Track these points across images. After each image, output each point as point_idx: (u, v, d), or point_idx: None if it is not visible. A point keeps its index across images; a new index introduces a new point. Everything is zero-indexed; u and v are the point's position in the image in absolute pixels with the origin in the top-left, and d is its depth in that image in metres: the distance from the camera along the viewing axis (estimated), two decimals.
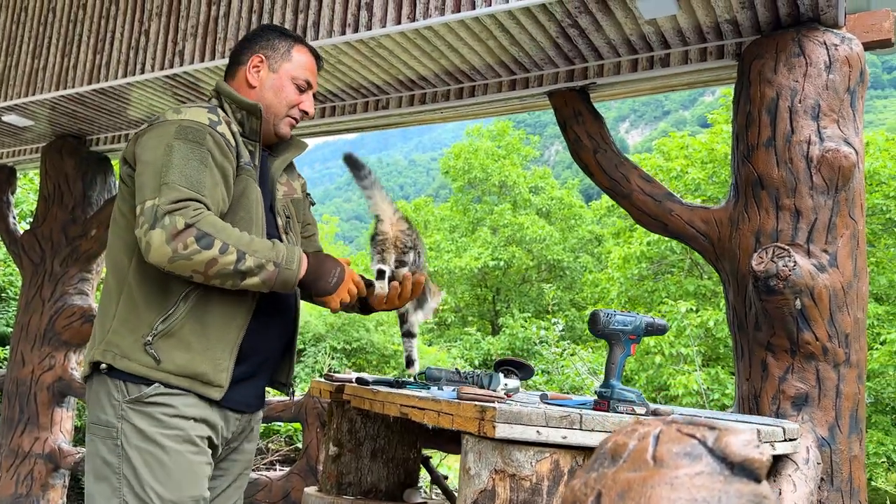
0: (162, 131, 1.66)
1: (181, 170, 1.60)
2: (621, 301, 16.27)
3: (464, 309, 21.11)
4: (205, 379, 1.66)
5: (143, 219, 1.55)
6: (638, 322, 1.75)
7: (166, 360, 1.63)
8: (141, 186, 1.60)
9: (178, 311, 1.65)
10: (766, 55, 2.50)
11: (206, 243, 1.54)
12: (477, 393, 1.67)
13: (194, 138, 1.65)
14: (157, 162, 1.61)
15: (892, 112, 62.01)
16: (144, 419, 1.63)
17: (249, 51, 1.90)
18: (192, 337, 1.65)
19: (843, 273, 2.33)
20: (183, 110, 1.71)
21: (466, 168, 21.88)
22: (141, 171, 1.62)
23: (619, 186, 2.83)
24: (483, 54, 3.02)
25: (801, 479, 1.77)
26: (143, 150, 1.65)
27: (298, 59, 1.91)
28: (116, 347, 1.64)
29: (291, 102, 1.90)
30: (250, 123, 1.82)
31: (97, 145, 4.62)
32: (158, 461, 1.62)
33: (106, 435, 1.64)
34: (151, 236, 1.52)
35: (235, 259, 1.56)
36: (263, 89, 1.88)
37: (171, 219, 1.53)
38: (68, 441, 4.40)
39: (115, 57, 3.57)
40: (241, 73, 1.89)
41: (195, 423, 1.67)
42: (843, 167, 2.33)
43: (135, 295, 1.66)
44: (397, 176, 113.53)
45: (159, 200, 1.55)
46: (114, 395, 1.65)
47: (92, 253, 4.43)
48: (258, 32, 1.94)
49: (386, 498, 2.54)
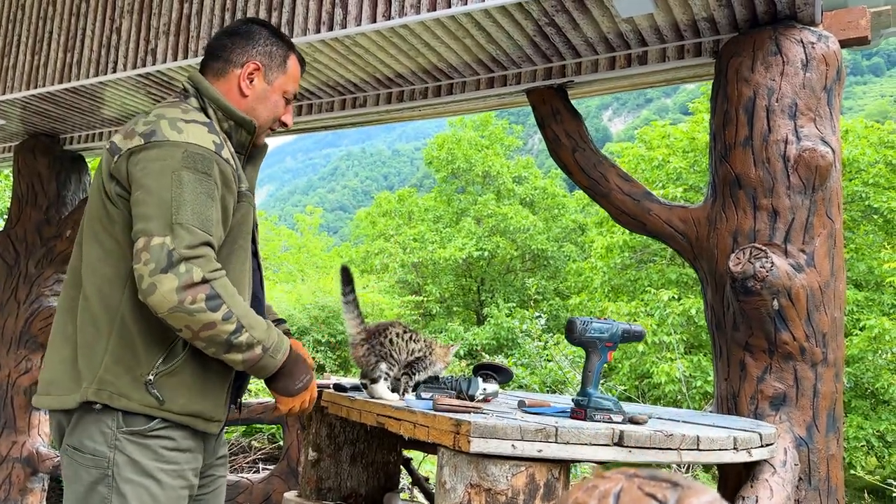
0: (166, 155, 1.53)
1: (193, 207, 1.51)
2: (604, 290, 16.35)
3: (448, 300, 21.12)
4: (206, 416, 1.63)
5: (147, 256, 1.46)
6: (614, 329, 1.74)
7: (170, 399, 1.57)
8: (145, 217, 1.49)
9: (179, 349, 1.58)
10: (743, 53, 2.49)
11: (213, 305, 1.48)
12: (452, 404, 1.65)
13: (203, 168, 1.55)
14: (165, 193, 1.50)
15: (871, 98, 62.57)
16: (143, 451, 1.56)
17: (245, 53, 1.76)
18: (194, 377, 1.60)
19: (821, 272, 2.33)
20: (182, 128, 1.58)
21: (450, 158, 21.82)
22: (144, 200, 1.51)
23: (597, 185, 2.82)
24: (460, 52, 2.99)
25: (778, 483, 1.78)
26: (145, 175, 1.52)
27: (292, 72, 1.82)
28: (111, 386, 1.55)
29: (278, 115, 1.82)
30: (239, 136, 1.74)
31: (71, 144, 4.54)
32: (152, 496, 1.56)
33: (92, 464, 1.55)
34: (161, 280, 1.44)
35: (232, 330, 1.51)
36: (255, 100, 1.77)
37: (187, 267, 1.46)
38: (46, 444, 4.34)
39: (86, 55, 3.50)
40: (232, 76, 1.75)
41: (189, 456, 1.64)
42: (819, 167, 2.33)
43: (131, 331, 1.56)
44: (381, 166, 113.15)
45: (174, 243, 1.46)
46: (106, 423, 1.55)
47: (67, 254, 4.35)
48: (252, 31, 1.78)
49: (366, 502, 2.53)
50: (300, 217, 27.73)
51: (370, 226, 23.92)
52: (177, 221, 1.48)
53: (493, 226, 20.28)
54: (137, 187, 1.53)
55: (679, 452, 1.50)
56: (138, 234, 1.49)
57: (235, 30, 1.79)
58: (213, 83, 1.75)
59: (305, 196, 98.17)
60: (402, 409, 1.73)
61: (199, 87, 1.72)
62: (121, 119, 4.14)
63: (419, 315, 19.40)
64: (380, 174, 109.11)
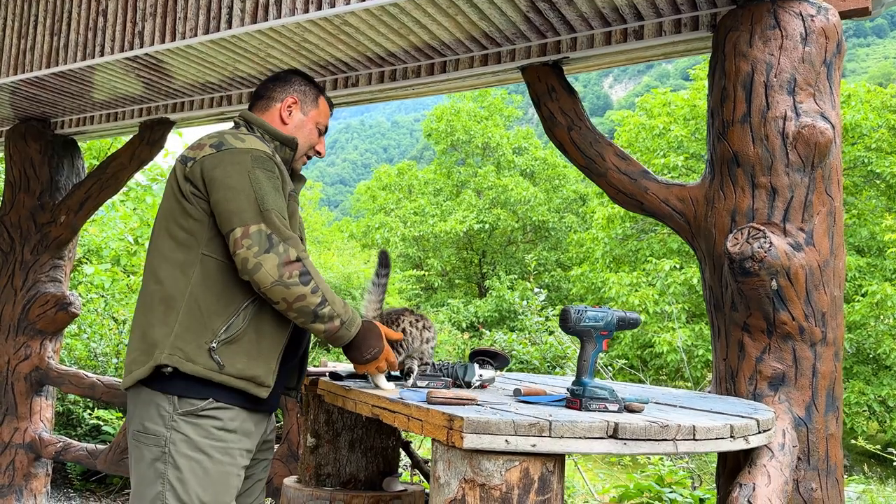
0: (237, 159, 1.86)
1: (272, 198, 1.83)
2: (606, 261, 16.33)
3: (450, 273, 21.12)
4: (258, 381, 1.88)
5: (249, 242, 1.76)
6: (609, 317, 1.72)
7: (228, 364, 1.83)
8: (237, 211, 1.79)
9: (239, 321, 1.85)
10: (741, 27, 2.43)
11: (305, 280, 1.79)
12: (446, 396, 1.64)
13: (269, 168, 1.88)
14: (247, 189, 1.81)
15: (874, 60, 61.88)
16: (196, 430, 1.82)
17: (284, 91, 2.14)
18: (251, 344, 1.86)
19: (820, 251, 2.30)
20: (244, 138, 1.93)
21: (449, 130, 21.67)
22: (231, 198, 1.81)
23: (594, 164, 2.77)
24: (452, 29, 2.93)
25: (775, 468, 1.77)
26: (226, 176, 1.83)
27: (323, 107, 2.21)
28: (181, 352, 1.80)
29: (313, 143, 2.19)
30: (283, 154, 2.08)
31: (63, 128, 4.49)
32: (203, 469, 1.82)
33: (153, 443, 1.82)
34: (265, 259, 1.75)
35: (318, 302, 1.81)
36: (294, 128, 2.13)
37: (284, 247, 1.78)
38: (49, 430, 4.36)
39: (72, 39, 3.43)
40: (274, 109, 2.13)
41: (236, 436, 1.88)
42: (819, 143, 2.28)
43: (200, 305, 1.83)
44: (380, 138, 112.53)
45: (269, 228, 1.78)
46: (164, 407, 1.82)
47: (63, 239, 4.33)
48: (290, 77, 2.18)
49: (365, 487, 2.53)
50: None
51: (370, 200, 23.85)
52: (265, 209, 1.80)
53: (494, 198, 20.21)
54: (220, 187, 1.83)
55: (675, 443, 1.48)
56: (234, 225, 1.78)
57: (276, 76, 2.20)
58: (259, 116, 2.13)
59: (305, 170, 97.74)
60: (397, 402, 1.71)
61: (247, 119, 2.10)
62: (113, 103, 4.08)
63: (420, 289, 19.42)
64: (379, 146, 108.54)
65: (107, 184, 4.20)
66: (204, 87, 3.74)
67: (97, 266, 7.18)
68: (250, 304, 1.87)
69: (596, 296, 15.99)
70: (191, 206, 1.87)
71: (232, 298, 1.85)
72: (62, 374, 4.23)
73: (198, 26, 3.03)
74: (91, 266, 7.16)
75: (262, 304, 1.88)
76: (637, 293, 13.66)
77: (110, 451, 3.99)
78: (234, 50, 3.21)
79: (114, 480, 5.14)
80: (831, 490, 2.27)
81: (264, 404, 1.97)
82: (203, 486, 1.81)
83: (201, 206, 1.86)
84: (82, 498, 4.98)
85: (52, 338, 4.36)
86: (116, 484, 5.12)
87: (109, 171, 4.18)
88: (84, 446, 4.16)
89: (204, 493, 1.82)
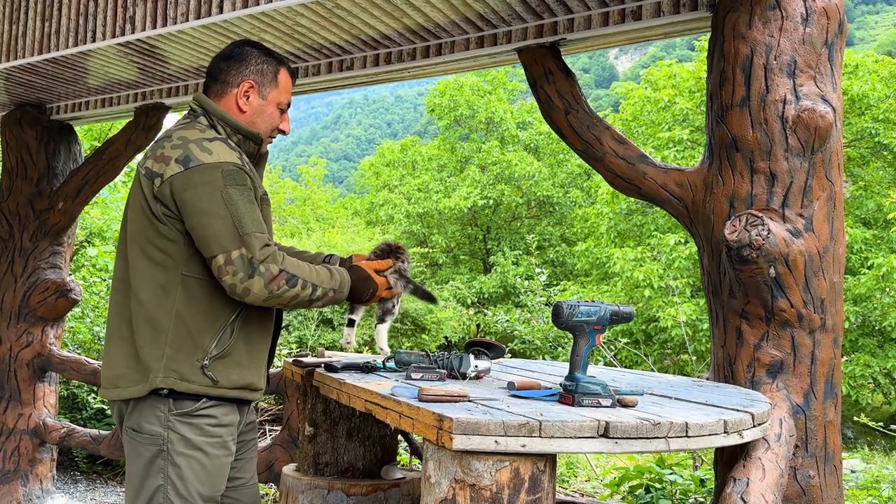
0: (209, 178, 1.82)
1: (249, 216, 1.83)
2: (611, 235, 16.26)
3: (455, 249, 21.10)
4: (252, 387, 1.97)
5: (233, 268, 1.79)
6: (602, 312, 1.69)
7: (222, 378, 1.89)
8: (216, 237, 1.80)
9: (228, 335, 1.90)
10: (740, 7, 2.37)
11: (292, 283, 1.85)
12: (438, 394, 1.63)
13: (240, 181, 1.86)
14: (222, 212, 1.80)
15: (883, 28, 60.97)
16: (192, 429, 1.87)
17: (238, 73, 2.00)
18: (241, 356, 1.93)
19: (820, 237, 2.27)
20: (210, 148, 1.86)
21: (452, 105, 21.47)
22: (208, 223, 1.80)
23: (591, 149, 2.74)
24: (447, 11, 2.88)
25: (771, 460, 1.75)
26: (198, 199, 1.81)
27: (283, 84, 2.06)
28: (175, 373, 1.85)
29: (275, 125, 2.08)
30: (247, 147, 2.01)
31: (58, 113, 4.46)
32: (202, 464, 1.88)
33: (150, 442, 1.87)
34: (252, 283, 1.80)
35: (310, 292, 1.90)
36: (253, 115, 2.02)
37: (265, 267, 1.81)
38: (53, 416, 4.39)
39: (64, 24, 3.39)
40: (230, 96, 2.00)
41: (229, 429, 1.95)
42: (819, 127, 2.24)
43: (187, 325, 1.86)
44: (384, 113, 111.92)
45: (249, 251, 1.80)
46: (159, 408, 1.86)
47: (61, 226, 4.32)
48: (244, 53, 2.03)
49: (364, 476, 2.53)
50: (304, 169, 27.53)
51: (374, 176, 23.75)
52: (244, 232, 1.81)
53: (498, 173, 20.09)
54: (194, 213, 1.81)
55: (667, 441, 1.47)
56: (215, 252, 1.80)
57: (229, 53, 2.04)
58: (216, 103, 2.00)
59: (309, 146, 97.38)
60: (389, 398, 1.70)
61: (206, 107, 1.98)
62: (107, 88, 4.05)
63: (425, 266, 19.42)
64: (383, 121, 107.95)
65: (104, 170, 4.18)
66: (198, 71, 3.69)
67: (100, 248, 7.19)
68: (237, 318, 1.92)
69: (601, 271, 15.96)
70: (164, 226, 1.86)
71: (218, 315, 1.89)
72: (64, 360, 4.25)
73: (189, 10, 2.98)
74: (94, 248, 7.16)
75: (249, 314, 1.94)
76: (642, 268, 13.62)
77: (113, 436, 4.01)
78: (226, 35, 3.16)
79: (119, 463, 5.18)
80: (829, 477, 2.26)
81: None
82: (201, 480, 1.89)
83: (176, 226, 1.85)
84: (88, 480, 5.03)
85: (53, 324, 4.37)
86: (122, 466, 5.17)
87: (106, 157, 4.16)
88: (88, 432, 4.19)
89: (202, 487, 1.89)
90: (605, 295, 14.51)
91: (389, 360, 2.30)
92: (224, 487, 1.98)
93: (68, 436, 4.19)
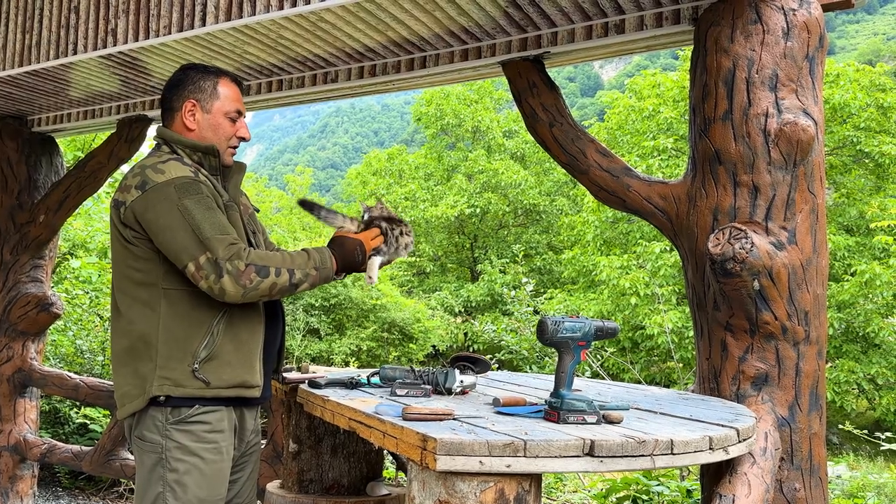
0: (164, 195, 1.91)
1: (208, 222, 1.89)
2: (597, 244, 16.32)
3: (442, 258, 21.09)
4: (247, 384, 2.01)
5: (204, 272, 1.86)
6: (587, 328, 1.69)
7: (214, 379, 1.95)
8: (183, 248, 1.88)
9: (214, 337, 1.96)
10: (722, 21, 2.39)
11: (264, 273, 1.89)
12: (422, 412, 1.61)
13: (195, 191, 1.93)
14: (182, 224, 1.88)
15: (864, 37, 61.76)
16: (187, 436, 1.94)
17: (180, 97, 2.09)
18: (230, 355, 1.98)
19: (803, 250, 2.28)
20: (163, 168, 1.95)
21: (439, 114, 21.52)
22: (172, 238, 1.89)
23: (576, 161, 2.74)
24: (430, 24, 2.87)
25: (756, 475, 1.75)
26: (158, 216, 1.90)
27: (225, 94, 2.11)
28: (168, 380, 1.93)
29: (228, 135, 2.12)
30: (209, 162, 2.08)
31: (40, 125, 4.41)
32: (199, 470, 1.95)
33: (151, 450, 1.95)
34: (223, 284, 1.86)
35: (288, 277, 1.93)
36: (202, 130, 2.09)
37: (231, 265, 1.86)
38: (34, 432, 4.33)
39: (45, 37, 3.35)
40: (178, 119, 2.10)
41: (224, 435, 2.00)
42: (801, 140, 2.25)
43: (175, 333, 1.94)
44: (371, 121, 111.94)
45: (213, 254, 1.86)
46: (157, 417, 1.95)
47: (42, 239, 4.27)
48: (182, 76, 2.11)
49: (349, 493, 2.51)
50: (290, 178, 27.46)
51: (361, 185, 23.73)
52: (204, 237, 1.87)
53: (485, 182, 20.14)
54: (158, 230, 1.90)
55: (652, 458, 1.46)
56: (185, 262, 1.88)
57: (171, 81, 2.13)
58: (170, 129, 2.11)
59: (296, 154, 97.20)
60: (373, 417, 1.69)
61: (163, 136, 2.10)
62: (90, 100, 4.01)
63: (412, 274, 19.39)
64: (370, 130, 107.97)
65: (85, 182, 4.14)
66: None
67: (83, 259, 7.12)
68: (221, 320, 1.98)
69: (587, 279, 16.00)
70: (137, 248, 1.96)
71: (202, 320, 1.96)
72: (45, 375, 4.19)
73: (171, 24, 2.96)
74: (77, 260, 7.09)
75: (232, 314, 1.99)
76: (628, 276, 13.67)
77: (95, 452, 3.96)
78: (209, 47, 3.14)
79: (102, 478, 5.11)
80: (815, 489, 2.26)
81: (262, 396, 2.10)
82: (199, 485, 1.95)
83: (147, 246, 1.95)
84: (71, 496, 4.96)
85: (34, 338, 4.31)
86: (105, 481, 5.10)
87: (88, 170, 4.12)
88: (69, 448, 4.13)
89: (200, 492, 1.96)
90: (591, 303, 14.55)
91: (374, 375, 2.28)
92: (225, 492, 2.03)
93: (49, 452, 4.13)
